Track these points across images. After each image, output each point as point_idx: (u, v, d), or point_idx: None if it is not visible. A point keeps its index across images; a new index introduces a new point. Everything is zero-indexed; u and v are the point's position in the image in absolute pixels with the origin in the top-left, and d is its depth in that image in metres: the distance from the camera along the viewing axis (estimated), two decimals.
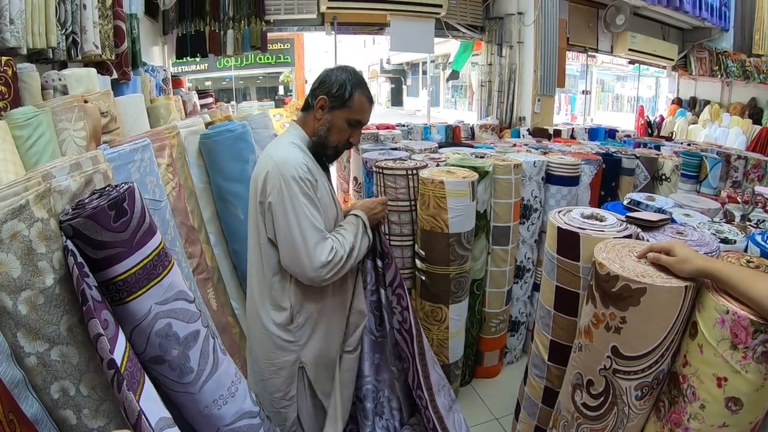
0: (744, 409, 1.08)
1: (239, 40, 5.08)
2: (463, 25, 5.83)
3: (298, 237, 1.46)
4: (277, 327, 1.61)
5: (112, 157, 1.54)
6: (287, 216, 1.47)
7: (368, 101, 1.62)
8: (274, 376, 1.65)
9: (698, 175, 3.74)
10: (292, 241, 1.47)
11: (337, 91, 1.56)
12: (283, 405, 1.67)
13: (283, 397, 1.66)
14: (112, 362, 0.90)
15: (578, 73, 14.34)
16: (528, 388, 1.86)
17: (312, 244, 1.47)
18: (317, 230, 1.49)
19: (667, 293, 1.17)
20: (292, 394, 1.67)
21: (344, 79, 1.57)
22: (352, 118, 1.60)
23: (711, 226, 1.73)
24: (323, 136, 1.60)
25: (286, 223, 1.47)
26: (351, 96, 1.56)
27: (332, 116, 1.58)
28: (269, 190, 1.48)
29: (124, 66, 2.88)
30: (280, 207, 1.47)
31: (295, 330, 1.61)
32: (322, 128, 1.59)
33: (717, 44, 7.03)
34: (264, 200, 1.51)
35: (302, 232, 1.46)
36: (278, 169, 1.47)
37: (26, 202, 0.95)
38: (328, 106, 1.58)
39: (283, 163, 1.48)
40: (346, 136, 1.62)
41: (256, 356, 1.69)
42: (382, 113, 20.92)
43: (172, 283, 1.18)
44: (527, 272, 3.04)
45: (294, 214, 1.46)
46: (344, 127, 1.60)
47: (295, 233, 1.46)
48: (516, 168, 2.70)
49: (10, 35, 1.83)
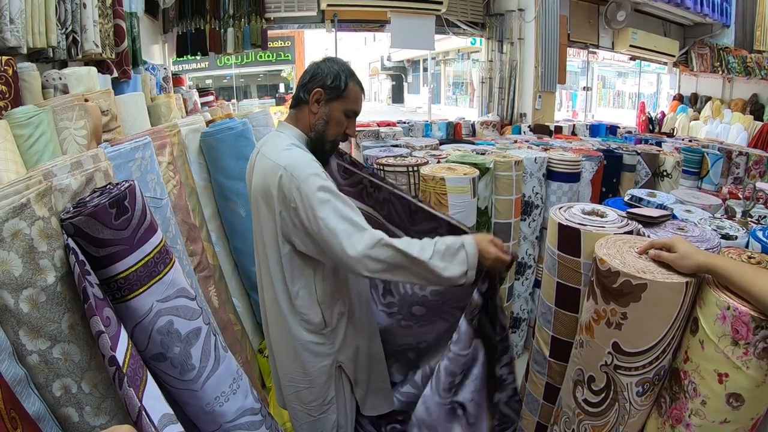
0: (745, 405, 1.08)
1: (239, 38, 5.07)
2: (463, 22, 5.82)
3: (337, 226, 1.35)
4: (311, 333, 1.54)
5: (113, 155, 1.54)
6: (319, 212, 1.36)
7: (361, 90, 1.60)
8: (310, 386, 1.59)
9: (699, 172, 3.74)
10: (330, 234, 1.35)
11: (333, 82, 1.52)
12: (322, 411, 1.62)
13: (322, 403, 1.61)
14: (114, 359, 0.90)
15: (579, 69, 14.30)
16: (529, 385, 1.87)
17: (353, 230, 1.35)
18: (352, 218, 1.37)
19: (668, 289, 1.17)
20: (331, 396, 1.62)
21: (337, 69, 1.53)
22: (349, 109, 1.57)
23: (712, 222, 1.73)
24: (321, 131, 1.56)
25: (324, 216, 1.36)
26: (347, 86, 1.54)
27: (329, 108, 1.54)
28: (289, 197, 1.39)
29: (125, 64, 2.88)
30: (307, 207, 1.37)
31: (329, 333, 1.56)
32: (320, 122, 1.55)
33: (718, 40, 7.02)
34: (286, 208, 1.42)
35: (344, 217, 1.36)
36: (291, 173, 1.39)
37: (27, 201, 0.95)
38: (324, 98, 1.53)
39: (294, 165, 1.40)
40: (343, 128, 1.59)
41: (286, 370, 1.62)
42: (383, 110, 20.91)
43: (173, 280, 1.19)
44: (528, 269, 3.04)
45: (329, 207, 1.36)
46: (342, 119, 1.56)
47: (332, 224, 1.35)
48: (517, 164, 2.70)
49: (11, 35, 1.83)
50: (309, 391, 1.60)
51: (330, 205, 1.36)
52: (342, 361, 1.62)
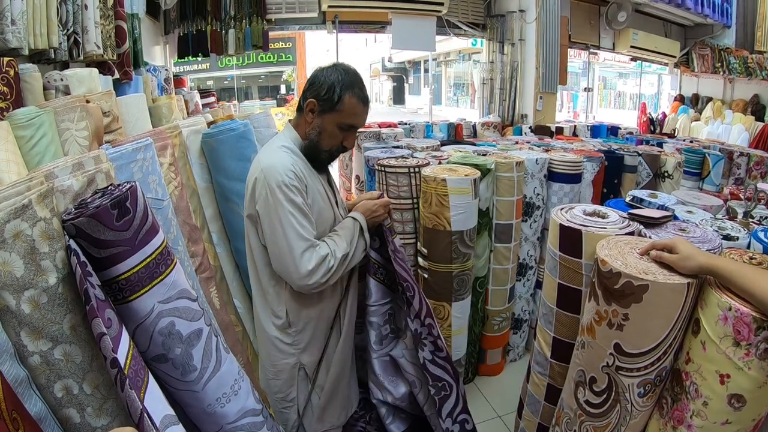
0: (747, 406, 1.08)
1: (241, 40, 5.07)
2: (464, 23, 5.82)
3: (283, 245, 1.43)
4: (276, 329, 1.59)
5: (115, 156, 1.54)
6: (273, 224, 1.43)
7: (361, 103, 1.51)
8: (275, 377, 1.64)
9: (701, 172, 3.74)
10: (278, 250, 1.44)
11: (326, 94, 1.47)
12: (285, 406, 1.67)
13: (284, 398, 1.65)
14: (115, 361, 0.90)
15: (580, 70, 14.32)
16: (531, 386, 1.86)
17: (298, 253, 1.42)
18: (303, 239, 1.43)
19: (670, 290, 1.17)
20: (293, 396, 1.65)
21: (333, 80, 1.47)
22: (343, 123, 1.51)
23: (713, 223, 1.73)
24: (315, 141, 1.53)
25: (272, 231, 1.44)
26: (340, 99, 1.47)
27: (322, 120, 1.50)
28: (257, 197, 1.45)
29: (126, 66, 2.89)
30: (266, 215, 1.44)
31: (294, 334, 1.59)
32: (313, 132, 1.52)
33: (719, 41, 7.01)
34: (253, 209, 1.48)
35: (288, 240, 1.42)
36: (264, 176, 1.43)
37: (29, 202, 0.95)
38: (317, 109, 1.50)
39: (269, 169, 1.43)
40: (339, 140, 1.54)
41: (261, 357, 1.70)
42: (384, 111, 20.93)
43: (174, 281, 1.19)
44: (530, 270, 3.04)
45: (279, 223, 1.42)
46: (335, 132, 1.52)
47: (281, 241, 1.43)
48: (518, 165, 2.70)
49: (12, 36, 1.83)
50: (274, 381, 1.65)
51: (288, 219, 1.43)
52: (305, 364, 1.64)
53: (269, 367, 1.65)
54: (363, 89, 1.53)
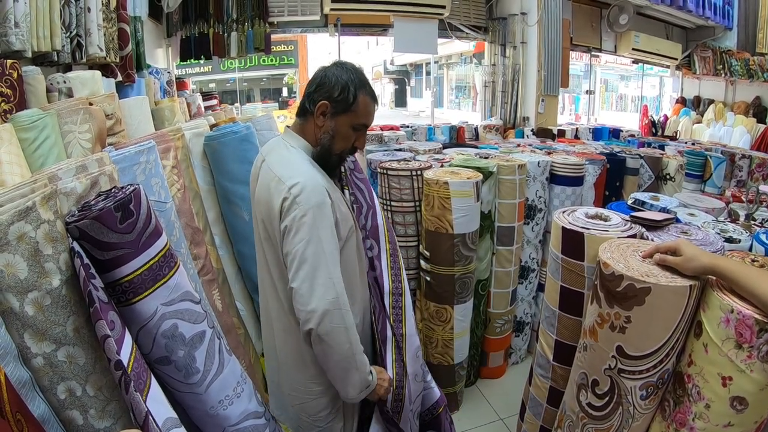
0: (749, 409, 1.08)
1: (243, 42, 5.08)
2: (466, 26, 5.82)
3: (308, 268, 1.29)
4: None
5: (118, 159, 1.55)
6: (305, 244, 1.29)
7: (373, 101, 1.45)
8: (320, 396, 1.50)
9: (702, 175, 3.74)
10: (300, 268, 1.30)
11: (340, 95, 1.39)
12: (329, 420, 1.54)
13: (330, 412, 1.53)
14: (120, 363, 0.91)
15: (582, 72, 14.26)
16: (533, 389, 1.86)
17: (321, 281, 1.29)
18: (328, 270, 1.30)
19: (672, 293, 1.17)
20: (339, 404, 1.54)
21: (346, 80, 1.40)
22: (358, 123, 1.44)
23: (715, 226, 1.73)
24: (327, 145, 1.44)
25: (303, 249, 1.30)
26: (355, 99, 1.40)
27: (335, 122, 1.42)
28: (288, 214, 1.31)
29: (129, 68, 2.89)
30: (296, 234, 1.30)
31: None
32: (325, 136, 1.43)
33: (721, 43, 7.00)
34: (276, 229, 1.35)
35: (315, 265, 1.29)
36: (295, 197, 1.30)
37: (33, 204, 0.95)
38: (330, 111, 1.41)
39: (302, 189, 1.31)
40: (351, 142, 1.47)
41: (293, 380, 1.52)
42: (386, 114, 20.91)
43: (177, 284, 1.19)
44: (532, 272, 3.04)
45: (311, 243, 1.29)
46: (349, 133, 1.44)
47: (307, 262, 1.29)
48: (520, 168, 2.70)
49: (15, 38, 1.84)
50: (318, 401, 1.50)
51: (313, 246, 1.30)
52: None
53: (308, 390, 1.50)
54: (371, 86, 1.48)
